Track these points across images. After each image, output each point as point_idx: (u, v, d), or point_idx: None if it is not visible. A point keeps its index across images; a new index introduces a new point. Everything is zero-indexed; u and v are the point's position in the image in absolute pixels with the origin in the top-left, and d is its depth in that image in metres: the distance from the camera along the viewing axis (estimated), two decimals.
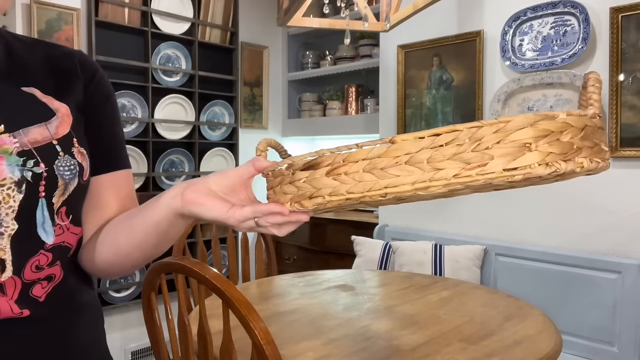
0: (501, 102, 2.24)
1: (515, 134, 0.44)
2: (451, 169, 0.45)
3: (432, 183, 0.46)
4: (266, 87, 3.52)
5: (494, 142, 0.44)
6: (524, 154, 0.43)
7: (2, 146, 0.62)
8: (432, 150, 0.46)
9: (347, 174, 0.50)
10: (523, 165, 0.43)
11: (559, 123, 0.44)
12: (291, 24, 1.77)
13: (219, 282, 0.94)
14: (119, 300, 2.69)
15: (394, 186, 0.47)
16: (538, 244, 2.19)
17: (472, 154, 0.44)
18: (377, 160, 0.48)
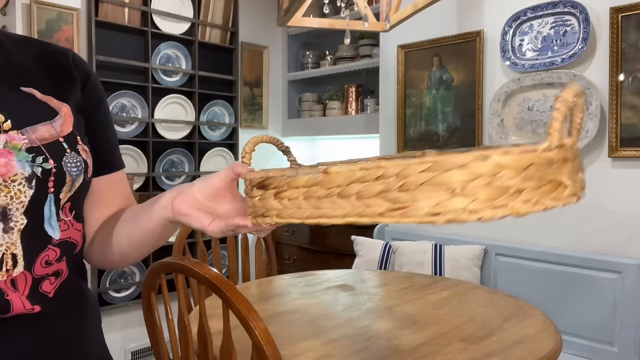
0: (501, 102, 2.25)
1: (442, 176, 0.41)
2: (377, 207, 0.44)
3: (361, 219, 0.45)
4: (266, 87, 3.52)
5: (420, 183, 0.42)
6: (450, 198, 0.41)
7: (11, 142, 0.63)
8: (362, 185, 0.44)
9: (290, 199, 0.51)
10: (447, 210, 0.41)
11: (491, 166, 0.40)
12: (291, 24, 1.77)
13: (219, 282, 0.94)
14: (119, 300, 2.69)
15: (327, 217, 0.48)
16: (538, 244, 2.19)
17: (397, 194, 0.42)
18: (314, 189, 0.48)
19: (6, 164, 0.62)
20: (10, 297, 0.63)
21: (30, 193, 0.64)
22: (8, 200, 0.62)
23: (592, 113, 1.98)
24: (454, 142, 2.45)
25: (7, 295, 0.63)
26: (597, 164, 2.02)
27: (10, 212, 0.63)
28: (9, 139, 0.63)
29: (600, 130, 1.98)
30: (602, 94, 1.98)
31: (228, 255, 2.16)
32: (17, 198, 0.63)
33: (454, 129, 2.44)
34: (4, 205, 0.62)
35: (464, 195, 0.41)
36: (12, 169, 0.62)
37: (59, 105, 0.71)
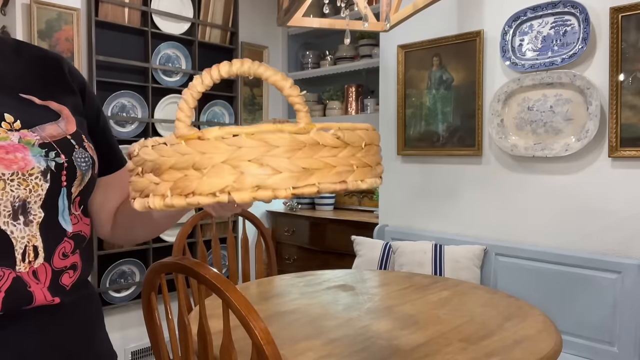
0: (501, 102, 2.24)
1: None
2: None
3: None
4: (266, 87, 3.52)
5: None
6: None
7: (24, 138, 0.66)
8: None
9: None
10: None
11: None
12: (291, 24, 1.77)
13: (219, 282, 0.94)
14: (119, 300, 2.69)
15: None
16: (538, 244, 2.19)
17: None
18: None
19: (24, 158, 0.65)
20: (32, 288, 0.66)
21: (46, 186, 0.67)
22: (27, 193, 0.65)
23: (592, 113, 1.98)
24: (454, 142, 2.45)
25: (30, 286, 0.65)
26: (597, 164, 2.02)
27: (29, 205, 0.65)
28: (22, 135, 0.66)
29: (600, 130, 1.98)
30: (602, 94, 1.98)
31: (228, 255, 2.16)
32: (34, 191, 0.66)
33: (454, 129, 2.44)
34: (24, 198, 0.65)
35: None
36: (30, 163, 0.65)
37: (60, 108, 0.74)
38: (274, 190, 0.43)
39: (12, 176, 0.64)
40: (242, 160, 0.42)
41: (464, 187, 2.45)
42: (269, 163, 0.43)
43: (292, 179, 0.43)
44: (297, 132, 0.44)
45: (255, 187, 0.43)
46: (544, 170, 2.18)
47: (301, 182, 0.44)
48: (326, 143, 0.45)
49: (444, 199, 2.52)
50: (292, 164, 0.43)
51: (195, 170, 0.43)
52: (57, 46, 2.42)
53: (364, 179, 0.48)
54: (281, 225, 3.41)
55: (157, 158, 0.46)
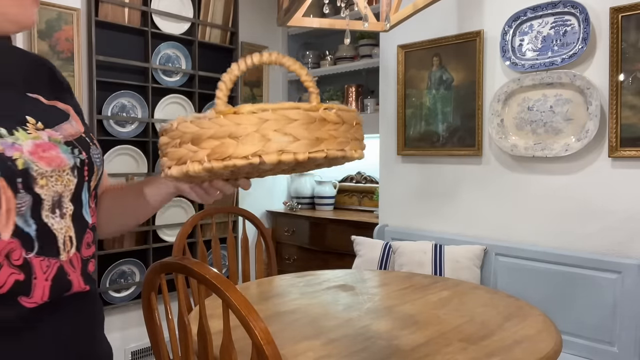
0: (501, 102, 2.24)
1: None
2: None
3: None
4: (266, 87, 3.52)
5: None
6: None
7: (52, 136, 0.71)
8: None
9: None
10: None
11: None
12: (291, 24, 1.77)
13: (219, 282, 0.94)
14: (119, 300, 2.69)
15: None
16: (538, 244, 2.19)
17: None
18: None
19: (58, 156, 0.70)
20: (71, 276, 0.71)
21: (75, 182, 0.73)
22: (63, 188, 0.71)
23: (592, 113, 1.98)
24: (454, 142, 2.45)
25: (69, 275, 0.71)
26: (597, 164, 2.02)
27: (63, 199, 0.71)
28: (50, 134, 0.71)
29: (600, 130, 1.98)
30: (602, 94, 1.98)
31: (228, 255, 2.16)
32: (67, 186, 0.71)
33: (454, 129, 2.44)
34: (60, 192, 0.70)
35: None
36: (63, 160, 0.71)
37: (66, 108, 0.79)
38: (295, 154, 0.53)
39: (52, 173, 0.69)
40: (270, 129, 0.52)
41: (464, 187, 2.45)
42: (290, 132, 0.53)
43: (308, 146, 0.53)
44: (310, 109, 0.54)
45: (280, 151, 0.52)
46: (544, 170, 2.18)
47: (314, 148, 0.54)
48: (330, 119, 0.56)
49: (444, 199, 2.52)
50: (308, 134, 0.53)
51: (232, 138, 0.53)
52: (57, 46, 2.42)
53: (356, 150, 0.59)
54: (281, 225, 3.41)
55: (198, 130, 0.54)
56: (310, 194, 3.50)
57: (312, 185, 3.51)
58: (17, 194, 0.65)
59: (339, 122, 0.57)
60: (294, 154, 0.53)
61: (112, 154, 2.66)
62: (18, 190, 0.65)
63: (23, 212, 0.66)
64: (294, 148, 0.53)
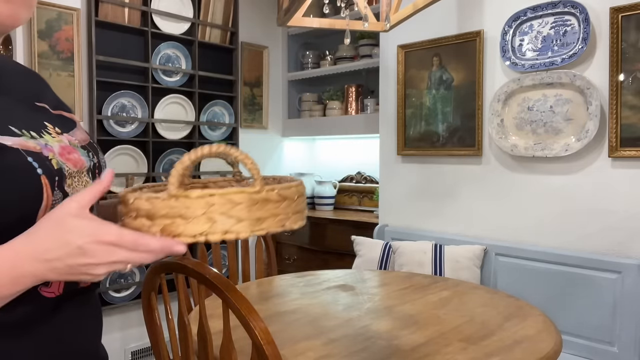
0: (501, 102, 2.25)
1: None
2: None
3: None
4: (266, 87, 3.52)
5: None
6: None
7: (72, 141, 0.75)
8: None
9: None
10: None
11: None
12: (291, 24, 1.77)
13: (219, 282, 0.94)
14: (119, 300, 2.69)
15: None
16: (538, 244, 2.19)
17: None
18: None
19: (79, 158, 0.74)
20: None
21: (90, 183, 0.75)
22: (82, 188, 0.73)
23: (592, 113, 1.98)
24: (454, 142, 2.45)
25: None
26: (597, 164, 2.02)
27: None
28: (68, 138, 0.75)
29: (600, 130, 1.98)
30: (602, 94, 1.98)
31: (228, 255, 2.16)
32: (85, 187, 0.74)
33: (454, 129, 2.44)
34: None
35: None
36: (84, 162, 0.75)
37: (71, 117, 0.81)
38: (237, 234, 0.60)
39: (76, 174, 0.72)
40: (216, 213, 0.59)
41: (464, 187, 2.45)
42: (234, 214, 0.60)
43: (250, 225, 0.61)
44: (254, 192, 0.61)
45: (224, 232, 0.60)
46: (544, 170, 2.18)
47: (256, 227, 0.61)
48: (272, 199, 0.63)
49: (444, 199, 2.52)
50: (250, 215, 0.60)
51: (182, 219, 0.59)
52: (57, 46, 2.42)
53: (296, 222, 0.67)
54: None
55: (152, 208, 0.60)
56: (310, 194, 3.50)
57: (312, 185, 3.51)
58: (54, 191, 0.67)
59: (280, 201, 0.64)
60: (237, 234, 0.60)
61: (112, 154, 2.66)
62: (54, 188, 0.67)
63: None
64: (237, 228, 0.60)
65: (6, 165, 0.62)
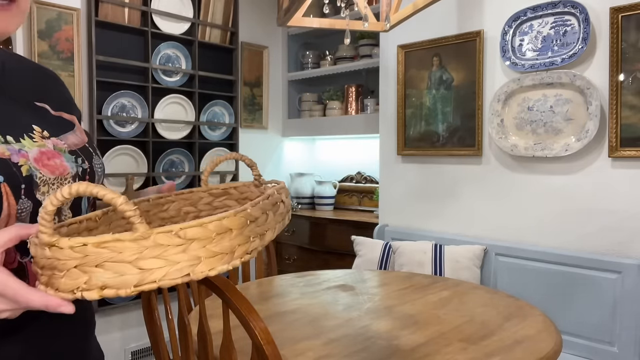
0: (501, 102, 2.24)
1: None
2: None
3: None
4: (266, 87, 3.52)
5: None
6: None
7: (57, 145, 0.73)
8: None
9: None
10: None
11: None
12: (291, 24, 1.77)
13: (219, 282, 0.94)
14: (119, 300, 2.68)
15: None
16: (538, 244, 2.19)
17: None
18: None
19: (61, 164, 0.71)
20: None
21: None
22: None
23: (592, 113, 1.98)
24: (454, 142, 2.45)
25: None
26: (597, 164, 2.02)
27: (63, 207, 0.72)
28: (54, 143, 0.72)
29: (600, 130, 1.98)
30: (602, 94, 1.98)
31: None
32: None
33: (454, 129, 2.44)
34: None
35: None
36: (67, 168, 0.72)
37: (71, 118, 0.80)
38: (117, 290, 0.50)
39: (54, 180, 0.69)
40: (90, 265, 0.50)
41: (464, 187, 2.45)
42: (111, 268, 0.50)
43: (134, 279, 0.50)
44: (136, 239, 0.50)
45: (102, 287, 0.50)
46: (544, 170, 2.18)
47: (143, 280, 0.50)
48: (169, 243, 0.50)
49: (444, 199, 2.52)
50: (132, 267, 0.50)
51: (57, 271, 0.51)
52: (57, 46, 2.42)
53: (214, 267, 0.52)
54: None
55: (36, 256, 0.53)
56: (310, 194, 3.50)
57: (312, 185, 3.51)
58: (19, 199, 0.65)
59: (184, 243, 0.51)
60: (117, 290, 0.50)
61: (112, 154, 2.66)
62: (20, 196, 0.65)
63: (23, 217, 0.66)
64: (117, 283, 0.50)
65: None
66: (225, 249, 0.53)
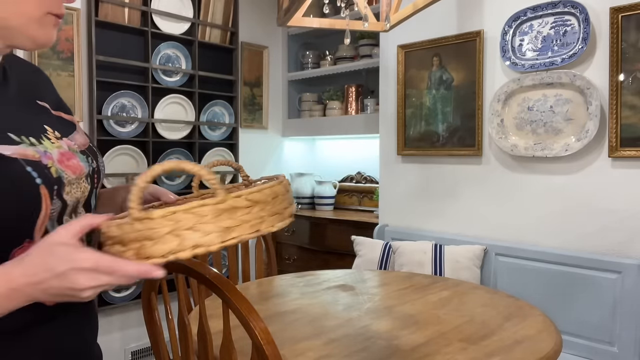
0: (501, 102, 2.24)
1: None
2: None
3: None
4: (266, 87, 3.52)
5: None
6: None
7: (70, 146, 0.75)
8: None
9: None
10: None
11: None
12: (291, 24, 1.77)
13: (219, 282, 0.94)
14: (119, 300, 2.68)
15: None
16: (538, 244, 2.19)
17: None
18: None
19: (78, 164, 0.74)
20: None
21: (88, 188, 0.76)
22: (80, 194, 0.74)
23: (592, 113, 1.98)
24: (454, 142, 2.45)
25: None
26: (597, 164, 2.02)
27: (79, 205, 0.74)
28: (68, 143, 0.75)
29: (600, 130, 1.98)
30: (602, 94, 1.98)
31: (228, 255, 2.16)
32: (83, 193, 0.75)
33: (454, 129, 2.44)
34: (78, 198, 0.74)
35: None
36: (82, 168, 0.75)
37: (71, 119, 0.82)
38: (207, 247, 0.60)
39: (75, 180, 0.72)
40: (181, 229, 0.59)
41: (464, 187, 2.45)
42: (200, 229, 0.59)
43: (219, 237, 0.60)
44: (218, 203, 0.60)
45: (194, 246, 0.59)
46: (544, 170, 2.18)
47: (226, 237, 0.60)
48: (240, 205, 0.62)
49: (444, 199, 2.52)
50: (216, 227, 0.60)
51: (149, 240, 0.59)
52: (57, 46, 2.42)
53: (274, 225, 0.65)
54: None
55: (122, 233, 0.60)
56: (310, 194, 3.50)
57: (312, 185, 3.51)
58: (52, 200, 0.68)
59: (251, 206, 0.63)
60: (207, 247, 0.60)
61: (112, 154, 2.66)
62: (53, 197, 0.68)
63: (53, 217, 0.69)
64: (206, 241, 0.59)
65: (5, 175, 0.62)
66: (278, 210, 0.66)
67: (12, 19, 0.67)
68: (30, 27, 0.69)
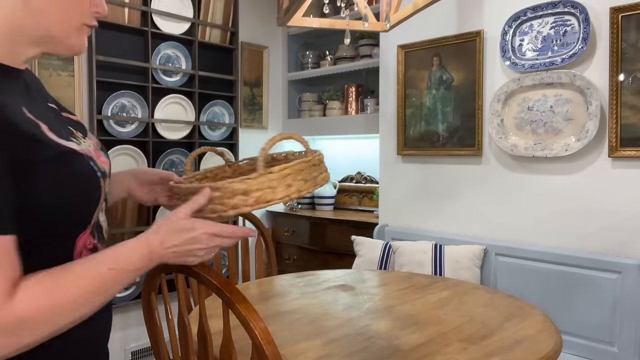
0: (501, 102, 2.25)
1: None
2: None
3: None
4: (266, 87, 3.52)
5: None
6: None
7: (94, 144, 0.82)
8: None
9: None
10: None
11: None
12: (291, 24, 1.77)
13: (219, 282, 0.94)
14: (119, 300, 2.68)
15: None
16: (538, 244, 2.19)
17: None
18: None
19: (106, 161, 0.82)
20: None
21: (108, 182, 0.83)
22: (107, 187, 0.82)
23: (592, 113, 1.98)
24: (454, 142, 2.45)
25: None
26: (597, 164, 2.02)
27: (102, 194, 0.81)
28: (92, 142, 0.82)
29: (600, 130, 1.98)
30: (602, 94, 1.98)
31: (228, 255, 2.16)
32: (108, 186, 0.82)
33: (454, 129, 2.44)
34: (107, 191, 0.82)
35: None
36: (107, 162, 0.83)
37: (77, 119, 0.86)
38: (307, 191, 0.87)
39: (107, 175, 0.81)
40: (289, 180, 0.85)
41: (464, 187, 2.45)
42: (302, 178, 0.86)
43: (310, 184, 0.88)
44: (309, 161, 0.88)
45: (298, 191, 0.85)
46: (544, 170, 2.18)
47: (314, 184, 0.89)
48: (315, 162, 0.91)
49: (444, 199, 2.52)
50: (308, 176, 0.88)
51: (270, 189, 0.83)
52: None
53: (325, 178, 0.93)
54: (281, 225, 3.41)
55: (247, 187, 0.82)
56: (310, 194, 3.50)
57: None
58: (105, 191, 0.78)
59: (318, 163, 0.91)
60: (306, 191, 0.86)
61: (112, 154, 2.66)
62: (105, 188, 0.78)
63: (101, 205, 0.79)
64: (305, 187, 0.86)
65: (78, 169, 0.71)
66: (324, 170, 0.94)
67: (55, 29, 0.74)
68: (70, 37, 0.76)
